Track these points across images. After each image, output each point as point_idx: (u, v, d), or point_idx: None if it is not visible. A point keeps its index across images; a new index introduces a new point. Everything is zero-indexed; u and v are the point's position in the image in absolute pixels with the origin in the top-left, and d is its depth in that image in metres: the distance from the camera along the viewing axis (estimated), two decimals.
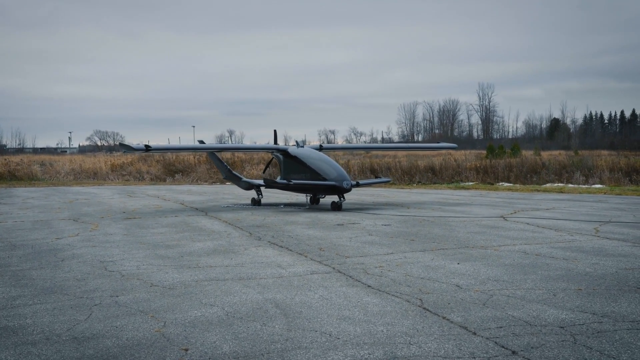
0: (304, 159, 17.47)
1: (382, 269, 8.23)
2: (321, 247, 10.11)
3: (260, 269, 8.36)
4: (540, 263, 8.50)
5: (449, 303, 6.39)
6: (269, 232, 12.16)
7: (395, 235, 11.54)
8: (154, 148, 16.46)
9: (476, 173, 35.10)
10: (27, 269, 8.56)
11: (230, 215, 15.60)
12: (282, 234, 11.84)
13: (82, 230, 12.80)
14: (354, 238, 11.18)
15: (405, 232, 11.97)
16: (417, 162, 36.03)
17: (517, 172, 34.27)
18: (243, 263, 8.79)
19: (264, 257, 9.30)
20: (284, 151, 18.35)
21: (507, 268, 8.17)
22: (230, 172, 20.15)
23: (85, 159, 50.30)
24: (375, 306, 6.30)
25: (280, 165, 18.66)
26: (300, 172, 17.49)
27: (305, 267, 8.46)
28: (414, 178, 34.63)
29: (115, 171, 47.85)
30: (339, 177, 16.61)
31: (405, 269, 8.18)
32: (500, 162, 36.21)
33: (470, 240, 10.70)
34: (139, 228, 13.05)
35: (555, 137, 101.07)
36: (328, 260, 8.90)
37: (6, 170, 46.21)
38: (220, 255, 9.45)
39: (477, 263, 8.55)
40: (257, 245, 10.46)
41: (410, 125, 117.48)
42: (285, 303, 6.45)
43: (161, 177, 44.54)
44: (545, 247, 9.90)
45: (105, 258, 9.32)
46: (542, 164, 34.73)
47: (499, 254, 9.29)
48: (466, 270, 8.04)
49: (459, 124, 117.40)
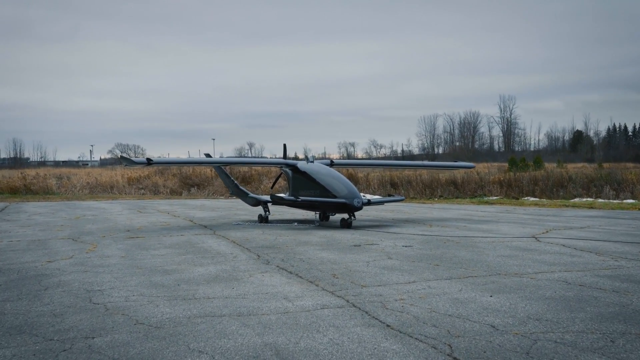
0: (314, 175, 16.49)
1: (403, 302, 7.15)
2: (335, 274, 9.05)
3: (264, 301, 7.32)
4: (587, 296, 7.35)
5: (484, 351, 5.30)
6: (278, 255, 11.13)
7: (418, 258, 10.45)
8: (155, 162, 15.56)
9: (500, 187, 33.80)
10: (1, 300, 7.60)
11: (240, 234, 14.60)
12: (293, 257, 10.80)
13: (78, 251, 11.86)
14: (371, 262, 10.11)
15: (429, 255, 10.88)
16: (439, 176, 34.86)
17: (542, 186, 32.92)
18: (245, 294, 7.76)
19: (270, 285, 8.27)
20: (293, 166, 17.38)
21: (549, 303, 7.04)
22: (237, 187, 19.21)
23: (102, 172, 49.83)
24: (396, 355, 5.23)
25: (289, 180, 17.68)
26: (309, 189, 16.50)
27: (315, 299, 7.40)
28: (435, 192, 33.43)
29: (131, 185, 47.18)
30: (349, 194, 15.61)
31: (430, 303, 7.09)
32: (525, 175, 34.87)
33: (502, 266, 9.57)
34: (140, 249, 12.09)
35: (578, 149, 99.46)
36: (342, 291, 7.84)
37: (22, 184, 45.87)
38: (222, 284, 8.43)
39: (513, 295, 7.43)
40: (263, 271, 9.43)
41: (431, 137, 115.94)
42: (287, 350, 5.40)
43: (177, 191, 43.84)
44: (588, 275, 8.73)
45: (94, 286, 8.34)
46: (568, 178, 33.30)
47: (537, 283, 8.16)
48: (501, 305, 6.94)
49: (480, 136, 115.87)
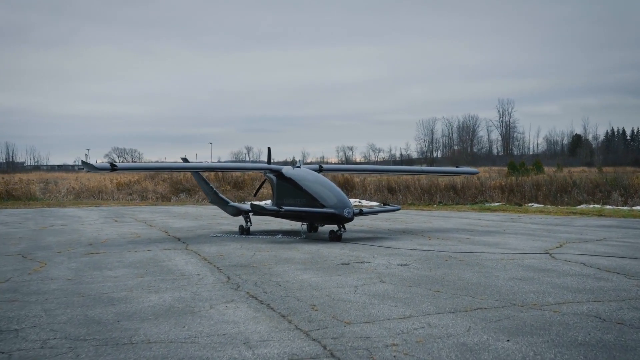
0: (299, 182, 14.81)
1: (395, 349, 5.53)
2: (314, 305, 7.43)
3: (217, 349, 5.68)
4: (633, 342, 5.71)
5: None
6: (252, 276, 9.50)
7: (415, 282, 8.83)
8: (120, 167, 13.98)
9: (501, 192, 32.21)
10: None
11: (214, 249, 12.96)
12: (269, 280, 9.18)
13: (19, 272, 10.20)
14: (360, 287, 8.49)
15: (428, 277, 9.26)
16: (438, 180, 33.27)
17: (545, 192, 31.34)
18: (197, 336, 6.12)
19: (232, 322, 6.63)
20: (277, 172, 15.71)
21: (584, 352, 5.41)
22: (217, 194, 17.60)
23: (91, 177, 48.06)
24: None
25: (273, 188, 16.03)
26: (294, 197, 14.84)
27: (283, 344, 5.77)
28: (434, 198, 31.82)
29: (120, 190, 45.54)
30: (339, 203, 13.91)
31: (431, 352, 5.47)
32: (527, 180, 33.31)
33: (517, 294, 7.94)
34: (93, 269, 10.45)
35: (577, 153, 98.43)
36: (319, 330, 6.22)
37: (3, 189, 44.15)
38: (172, 319, 6.79)
39: (536, 339, 5.80)
40: (229, 300, 7.79)
41: (429, 141, 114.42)
42: None
43: (167, 197, 42.28)
44: (625, 307, 7.07)
45: (12, 324, 6.68)
46: (572, 183, 31.73)
47: (563, 319, 6.53)
48: (523, 356, 5.32)
49: (479, 140, 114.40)
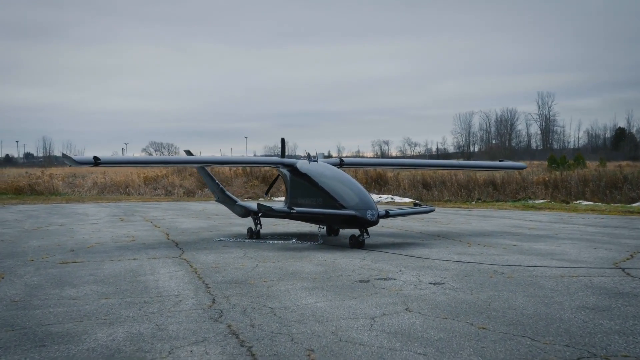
0: (316, 178, 12.72)
1: None
2: (312, 350, 5.39)
3: None
4: None
5: None
6: (244, 299, 7.50)
7: (452, 311, 6.70)
8: (104, 161, 12.14)
9: (544, 188, 29.69)
10: None
11: (212, 257, 10.99)
12: (264, 305, 7.16)
13: None
14: (378, 319, 6.40)
15: (469, 303, 7.12)
16: (476, 175, 30.91)
17: (593, 187, 28.72)
18: None
19: None
20: (291, 166, 13.65)
21: None
22: (224, 192, 15.66)
23: (118, 171, 46.92)
24: None
25: (286, 185, 13.98)
26: (310, 196, 12.79)
27: None
28: (472, 194, 29.51)
29: (148, 184, 44.30)
30: (361, 204, 11.79)
31: None
32: (573, 175, 30.68)
33: (594, 334, 5.75)
34: (54, 286, 8.56)
35: (620, 147, 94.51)
36: None
37: (27, 184, 43.26)
38: None
39: None
40: (199, 340, 5.78)
41: (466, 135, 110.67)
42: None
43: (194, 192, 40.90)
44: None
45: None
46: (623, 178, 28.99)
47: None
48: None
49: (517, 134, 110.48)
